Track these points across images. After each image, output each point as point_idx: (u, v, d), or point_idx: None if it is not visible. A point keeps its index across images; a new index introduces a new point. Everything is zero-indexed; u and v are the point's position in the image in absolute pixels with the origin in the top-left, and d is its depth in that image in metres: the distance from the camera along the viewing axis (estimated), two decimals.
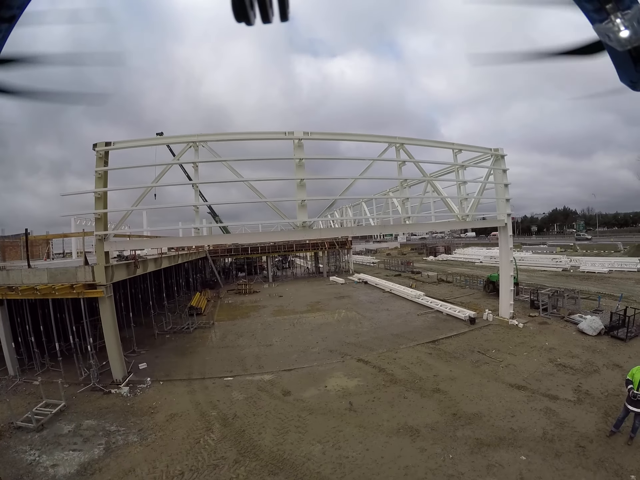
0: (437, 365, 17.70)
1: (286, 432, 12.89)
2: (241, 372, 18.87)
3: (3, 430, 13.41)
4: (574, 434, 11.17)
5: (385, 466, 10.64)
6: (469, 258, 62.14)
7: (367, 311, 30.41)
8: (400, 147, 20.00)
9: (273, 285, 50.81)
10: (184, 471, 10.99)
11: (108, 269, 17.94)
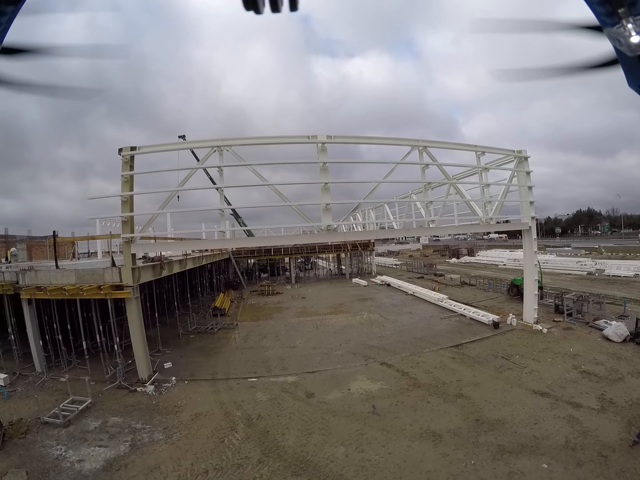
0: (460, 370, 17.66)
1: (310, 433, 13.05)
2: (265, 373, 19.09)
3: (30, 425, 13.78)
4: (597, 443, 11.03)
5: (407, 470, 10.72)
6: (492, 260, 61.54)
7: (390, 314, 30.36)
8: (423, 150, 19.91)
9: (296, 287, 51.07)
10: (208, 470, 11.22)
11: (135, 271, 18.26)
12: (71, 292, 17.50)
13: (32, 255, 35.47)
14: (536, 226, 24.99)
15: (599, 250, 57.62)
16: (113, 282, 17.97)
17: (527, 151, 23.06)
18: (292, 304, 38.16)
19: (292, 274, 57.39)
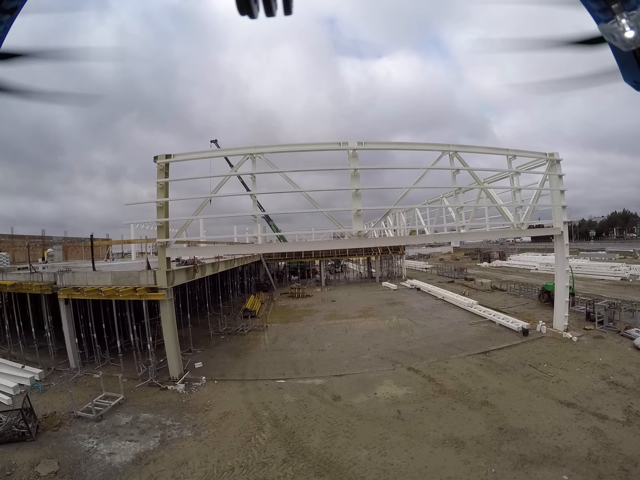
0: (487, 377, 17.67)
1: (334, 436, 13.36)
2: (293, 375, 19.46)
3: (64, 418, 14.42)
4: (619, 457, 10.91)
5: (429, 476, 10.91)
6: (523, 265, 60.65)
7: (419, 319, 30.40)
8: (454, 154, 19.89)
9: (325, 290, 51.41)
10: (234, 467, 11.67)
11: (169, 274, 18.81)
12: (107, 293, 18.16)
13: (68, 256, 36.69)
14: (569, 229, 24.62)
15: (634, 255, 55.84)
16: (148, 285, 18.55)
17: (559, 154, 22.72)
18: (321, 307, 38.51)
19: (322, 277, 57.79)
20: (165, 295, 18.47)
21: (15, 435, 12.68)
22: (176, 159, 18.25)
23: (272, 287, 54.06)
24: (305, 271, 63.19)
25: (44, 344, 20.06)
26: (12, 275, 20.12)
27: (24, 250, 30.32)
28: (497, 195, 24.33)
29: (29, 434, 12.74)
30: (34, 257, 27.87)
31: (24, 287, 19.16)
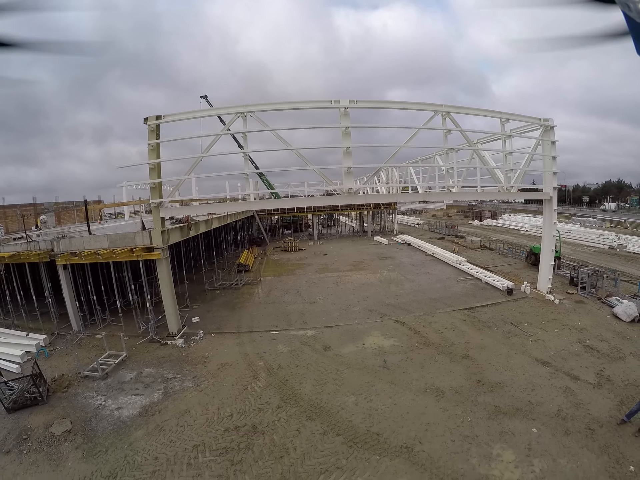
0: (469, 332, 18.45)
1: (324, 383, 14.35)
2: (286, 326, 20.34)
3: (72, 379, 15.03)
4: (587, 416, 11.61)
5: (409, 421, 11.88)
6: (514, 225, 61.04)
7: (409, 273, 31.17)
8: (446, 115, 19.84)
9: (318, 243, 51.98)
10: (232, 413, 12.64)
11: (164, 233, 19.18)
12: (105, 256, 18.48)
13: (61, 221, 36.48)
14: (562, 193, 24.93)
15: (624, 225, 55.97)
16: (144, 245, 18.96)
17: (553, 120, 22.53)
18: (313, 261, 39.26)
19: (314, 231, 58.35)
20: (161, 254, 18.89)
21: (27, 400, 13.19)
22: (166, 119, 18.12)
23: (266, 242, 54.53)
24: (298, 225, 63.39)
25: (46, 310, 20.45)
26: (9, 247, 20.26)
27: (17, 220, 30.24)
28: (489, 157, 24.67)
29: (41, 398, 13.32)
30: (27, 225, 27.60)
31: (22, 257, 19.39)
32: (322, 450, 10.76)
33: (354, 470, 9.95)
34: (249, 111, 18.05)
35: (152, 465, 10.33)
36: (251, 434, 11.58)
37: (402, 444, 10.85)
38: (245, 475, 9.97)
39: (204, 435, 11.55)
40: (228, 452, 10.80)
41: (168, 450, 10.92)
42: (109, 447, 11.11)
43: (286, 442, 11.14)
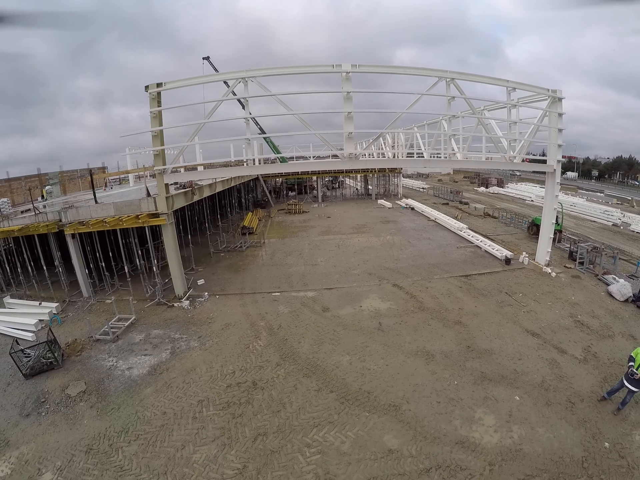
0: (464, 299, 18.89)
1: (322, 343, 15.10)
2: (287, 288, 20.97)
3: (84, 343, 15.66)
4: (569, 389, 11.95)
5: (399, 381, 12.60)
6: (520, 194, 60.22)
7: (410, 238, 31.40)
8: (450, 81, 19.31)
9: (322, 206, 51.98)
10: (235, 370, 13.46)
11: (169, 199, 19.40)
12: (111, 223, 18.76)
13: (67, 190, 36.31)
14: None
15: (630, 203, 54.90)
16: (149, 211, 19.30)
17: (562, 91, 21.80)
18: (317, 223, 39.62)
19: (319, 194, 58.11)
20: (166, 220, 19.21)
21: (44, 365, 13.69)
22: (167, 87, 17.95)
23: (270, 204, 54.56)
24: (303, 187, 63.15)
25: (56, 279, 20.80)
26: (17, 220, 20.31)
27: (22, 192, 30.08)
28: (495, 126, 24.37)
29: (56, 362, 13.80)
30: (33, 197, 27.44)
31: (32, 229, 19.50)
32: (316, 406, 11.51)
33: (345, 425, 10.68)
34: (250, 76, 17.89)
35: (161, 419, 11.09)
36: (251, 389, 12.38)
37: (391, 403, 11.56)
38: (245, 427, 10.75)
39: (209, 391, 12.30)
40: (230, 407, 11.60)
41: (175, 405, 11.68)
42: (121, 404, 11.83)
43: (283, 398, 11.91)
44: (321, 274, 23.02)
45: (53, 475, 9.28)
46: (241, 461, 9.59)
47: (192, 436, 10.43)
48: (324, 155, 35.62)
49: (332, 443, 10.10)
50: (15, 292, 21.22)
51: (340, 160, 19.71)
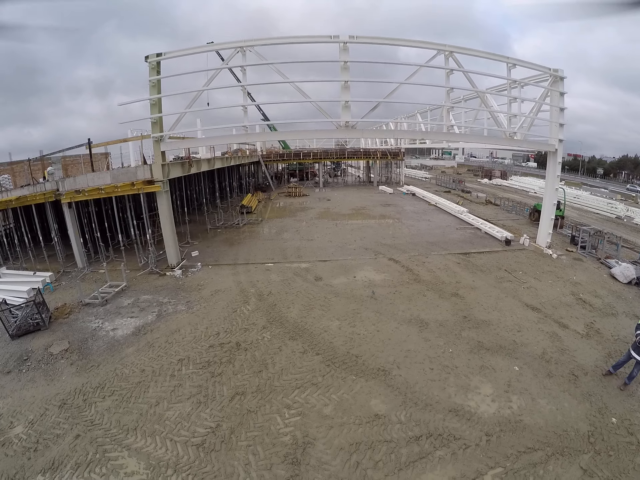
0: (462, 274, 18.49)
1: (311, 308, 14.72)
2: (281, 260, 20.73)
3: (73, 307, 15.49)
4: (572, 362, 11.44)
5: (390, 347, 12.10)
6: (523, 186, 59.60)
7: (409, 220, 31.13)
8: (449, 55, 19.04)
9: (323, 191, 51.58)
10: (219, 332, 13.16)
11: (164, 167, 19.45)
12: (107, 191, 18.92)
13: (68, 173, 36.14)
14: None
15: (635, 199, 54.56)
16: (145, 178, 19.32)
17: (563, 71, 21.38)
18: (316, 205, 39.28)
19: (320, 179, 57.60)
20: (161, 187, 19.22)
21: (30, 326, 13.57)
22: (167, 56, 18.12)
23: (271, 188, 54.10)
24: (304, 174, 62.76)
25: (53, 253, 20.79)
26: (16, 191, 20.56)
27: (24, 175, 30.21)
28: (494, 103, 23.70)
29: (43, 323, 13.78)
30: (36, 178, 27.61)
31: (29, 199, 19.58)
32: (299, 367, 11.07)
33: (329, 388, 10.20)
34: (249, 45, 17.93)
35: (138, 376, 10.87)
36: (234, 350, 12.01)
37: (380, 367, 11.05)
38: (224, 386, 10.34)
39: (190, 351, 12.06)
40: (210, 366, 11.24)
41: (155, 363, 11.47)
42: (101, 362, 11.67)
43: (266, 359, 11.50)
44: (316, 248, 22.78)
45: (24, 428, 9.12)
46: (215, 420, 9.18)
47: (168, 393, 10.16)
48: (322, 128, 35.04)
49: (314, 405, 9.63)
50: (12, 265, 21.01)
51: (336, 129, 19.26)
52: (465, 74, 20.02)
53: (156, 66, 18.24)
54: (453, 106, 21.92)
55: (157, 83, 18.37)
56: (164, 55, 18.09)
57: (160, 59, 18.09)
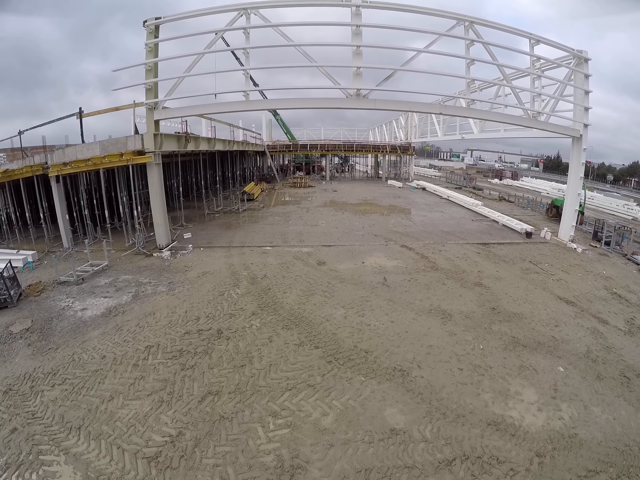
0: (483, 263, 16.89)
1: (312, 294, 12.97)
2: (281, 243, 19.31)
3: (47, 285, 14.39)
4: (620, 362, 9.95)
5: (408, 341, 10.18)
6: (535, 187, 57.82)
7: (421, 210, 29.69)
8: (469, 26, 17.93)
9: (330, 183, 50.14)
10: (200, 317, 11.49)
11: (157, 137, 18.33)
12: (94, 162, 17.98)
13: None
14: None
15: None
16: (135, 149, 18.16)
17: (588, 52, 20.23)
18: (322, 195, 37.79)
19: (327, 171, 55.92)
20: (152, 158, 18.13)
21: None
22: (165, 20, 17.58)
23: (276, 179, 52.77)
24: (311, 167, 60.79)
25: (41, 234, 20.08)
26: (4, 165, 19.92)
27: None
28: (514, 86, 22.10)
29: (10, 300, 12.81)
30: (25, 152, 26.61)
31: (16, 173, 18.90)
32: (293, 363, 9.24)
33: (329, 391, 8.33)
34: (253, 7, 16.93)
35: (97, 364, 9.43)
36: (214, 338, 10.37)
37: (396, 366, 9.17)
38: (194, 382, 8.64)
39: (162, 337, 10.54)
40: (182, 356, 9.66)
41: (118, 349, 10.02)
42: (60, 345, 10.41)
43: (252, 351, 9.73)
44: (321, 233, 21.38)
45: None
46: (177, 426, 7.44)
47: (126, 387, 8.59)
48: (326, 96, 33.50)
49: (309, 414, 7.79)
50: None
51: (345, 98, 17.70)
52: (486, 46, 18.71)
53: (154, 30, 17.50)
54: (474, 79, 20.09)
55: (155, 47, 17.67)
56: (163, 18, 17.52)
57: (158, 22, 17.42)
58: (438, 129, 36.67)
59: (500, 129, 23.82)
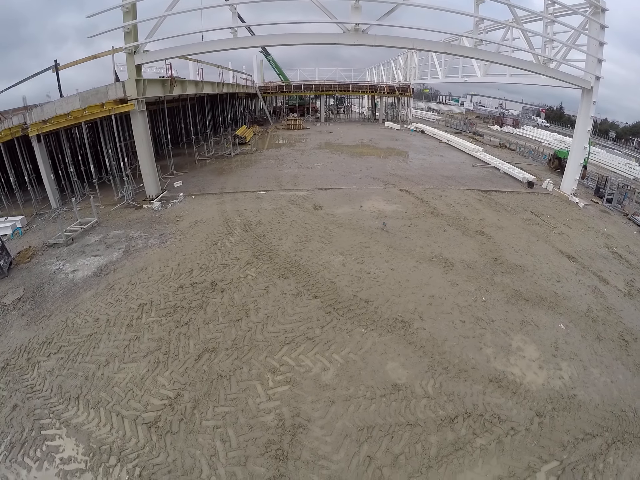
0: (485, 211, 16.56)
1: (308, 240, 12.70)
2: (275, 187, 18.75)
3: (37, 249, 13.91)
4: (619, 325, 9.90)
5: (409, 290, 9.96)
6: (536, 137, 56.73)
7: (420, 154, 28.93)
8: None
9: (325, 125, 48.58)
10: (193, 269, 11.20)
11: (139, 83, 17.46)
12: (75, 115, 17.02)
13: None
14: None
15: None
16: (117, 97, 17.40)
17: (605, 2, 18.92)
18: (317, 137, 36.67)
19: (322, 113, 54.56)
20: (135, 106, 17.28)
21: None
22: None
23: (268, 122, 51.12)
24: (305, 109, 58.81)
25: (28, 198, 19.27)
26: None
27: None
28: None
29: (1, 271, 12.45)
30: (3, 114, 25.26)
31: None
32: (291, 315, 9.00)
33: (329, 344, 8.12)
34: None
35: (91, 327, 9.30)
36: (208, 291, 10.13)
37: (397, 317, 8.96)
38: (190, 339, 8.45)
39: (155, 293, 10.35)
40: (176, 312, 9.42)
41: (111, 310, 9.86)
42: (53, 311, 10.20)
43: (248, 303, 9.48)
44: (316, 176, 20.81)
45: None
46: (175, 387, 7.33)
47: (121, 350, 8.46)
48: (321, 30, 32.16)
49: (309, 369, 7.66)
50: None
51: (342, 33, 16.64)
52: None
53: None
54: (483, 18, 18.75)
55: None
56: None
57: None
58: (439, 70, 35.37)
59: (506, 73, 22.81)
